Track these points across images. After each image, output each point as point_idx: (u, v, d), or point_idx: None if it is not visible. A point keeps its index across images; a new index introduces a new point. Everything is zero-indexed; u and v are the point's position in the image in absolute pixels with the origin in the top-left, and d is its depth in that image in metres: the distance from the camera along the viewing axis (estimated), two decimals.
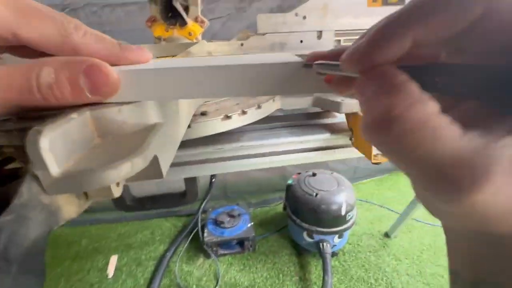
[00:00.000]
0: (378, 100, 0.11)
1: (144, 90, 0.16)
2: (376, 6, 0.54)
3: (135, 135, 0.16)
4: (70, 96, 0.14)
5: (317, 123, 0.50)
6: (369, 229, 1.34)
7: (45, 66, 0.13)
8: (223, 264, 1.16)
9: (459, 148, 0.09)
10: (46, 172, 0.11)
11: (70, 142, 0.13)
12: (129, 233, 1.35)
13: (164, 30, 0.66)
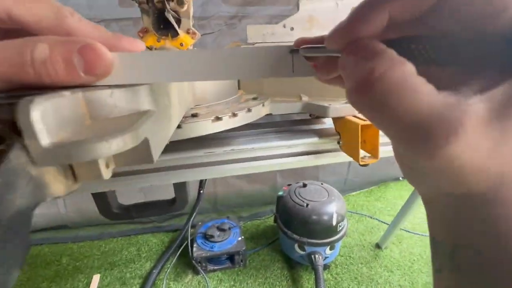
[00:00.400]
0: (361, 66, 0.12)
1: (137, 73, 0.16)
2: None
3: (126, 118, 0.16)
4: (63, 74, 0.14)
5: (305, 128, 0.52)
6: (360, 241, 1.34)
7: (40, 42, 0.13)
8: (213, 281, 1.12)
9: (435, 103, 0.10)
10: (35, 142, 0.11)
11: (60, 118, 0.13)
12: (113, 250, 1.29)
13: (155, 40, 0.68)
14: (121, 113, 0.17)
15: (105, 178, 0.15)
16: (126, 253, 1.27)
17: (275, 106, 0.49)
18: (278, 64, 0.17)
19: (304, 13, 0.55)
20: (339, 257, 1.23)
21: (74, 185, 0.15)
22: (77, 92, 0.15)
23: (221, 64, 0.16)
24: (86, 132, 0.14)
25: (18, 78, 0.13)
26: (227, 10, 1.20)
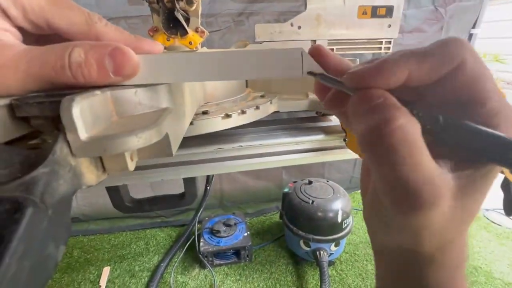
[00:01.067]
0: (378, 113, 0.12)
1: (159, 73, 0.18)
2: (365, 18, 0.58)
3: (149, 115, 0.18)
4: (95, 75, 0.15)
5: (312, 126, 0.53)
6: (365, 238, 1.34)
7: (76, 47, 0.15)
8: (219, 275, 1.14)
9: (432, 170, 0.12)
10: (75, 136, 0.13)
11: (94, 114, 0.15)
12: (122, 244, 1.33)
13: (165, 39, 0.69)
14: (143, 110, 0.18)
15: (130, 169, 0.17)
16: (135, 247, 1.30)
17: (283, 103, 0.50)
18: (290, 65, 0.18)
19: (312, 12, 0.55)
20: (344, 254, 1.24)
21: (103, 175, 0.16)
22: (105, 91, 0.16)
23: (235, 66, 0.18)
24: (114, 128, 0.15)
25: (58, 79, 0.15)
26: (234, 7, 1.19)
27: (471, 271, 1.12)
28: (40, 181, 0.11)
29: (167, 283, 1.10)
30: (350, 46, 0.60)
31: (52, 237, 0.11)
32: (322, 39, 0.58)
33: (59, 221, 0.12)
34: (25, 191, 0.11)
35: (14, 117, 0.14)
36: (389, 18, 0.58)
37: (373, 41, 0.61)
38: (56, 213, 0.11)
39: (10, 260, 0.09)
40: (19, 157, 0.12)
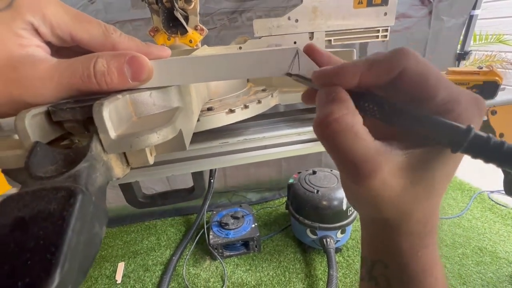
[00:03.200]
0: (327, 106, 0.16)
1: (169, 76, 0.20)
2: (361, 7, 0.58)
3: (163, 114, 0.20)
4: (117, 81, 0.17)
5: (312, 116, 0.54)
6: None
7: (99, 58, 0.17)
8: (229, 265, 1.18)
9: (368, 149, 0.15)
10: (106, 135, 0.15)
11: (119, 116, 0.17)
12: (135, 240, 1.37)
13: (166, 38, 0.71)
14: (158, 110, 0.20)
15: (150, 163, 0.19)
16: (147, 242, 1.34)
17: (283, 96, 0.51)
18: (287, 64, 0.20)
19: (308, 5, 0.56)
20: (350, 240, 1.27)
21: (127, 169, 0.18)
22: (125, 94, 0.18)
23: (237, 66, 0.19)
24: (135, 127, 0.18)
25: (85, 86, 0.17)
26: (228, 6, 1.26)
27: (476, 252, 1.14)
28: (83, 173, 0.13)
29: (180, 275, 1.14)
30: (347, 36, 0.61)
31: (97, 218, 0.13)
32: (320, 31, 0.59)
33: (100, 206, 0.14)
34: (74, 181, 0.13)
35: (51, 122, 0.16)
36: (385, 6, 0.59)
37: (370, 30, 0.62)
38: (97, 199, 0.14)
39: (72, 233, 0.11)
40: (61, 155, 0.15)
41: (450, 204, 1.45)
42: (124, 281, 1.14)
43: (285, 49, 0.19)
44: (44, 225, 0.11)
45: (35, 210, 0.11)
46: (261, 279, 1.11)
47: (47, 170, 0.14)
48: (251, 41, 0.58)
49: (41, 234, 0.11)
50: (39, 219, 0.11)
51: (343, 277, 1.10)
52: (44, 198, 0.12)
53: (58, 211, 0.11)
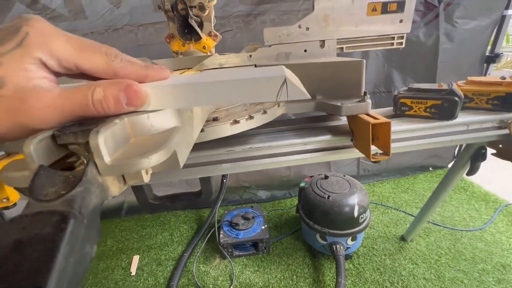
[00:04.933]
0: None
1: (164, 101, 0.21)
2: (375, 15, 0.57)
3: (160, 135, 0.21)
4: (113, 107, 0.19)
5: (320, 125, 0.54)
6: (384, 233, 1.33)
7: (97, 87, 0.19)
8: (238, 265, 1.20)
9: None
10: (101, 160, 0.17)
11: (115, 140, 0.18)
12: (149, 234, 1.43)
13: (181, 45, 0.73)
14: (156, 130, 0.22)
15: (146, 181, 0.20)
16: (160, 238, 1.40)
17: (290, 106, 0.52)
18: (273, 93, 0.20)
19: (320, 12, 0.56)
20: (361, 248, 1.24)
21: (124, 186, 0.20)
22: (123, 118, 0.20)
23: (227, 93, 0.20)
24: (132, 149, 0.19)
25: (84, 113, 0.18)
26: (244, 9, 1.29)
27: (498, 269, 1.08)
28: (78, 197, 0.15)
29: (190, 271, 1.18)
30: (360, 44, 0.60)
31: (87, 239, 0.15)
32: (331, 39, 0.58)
33: (92, 226, 0.15)
34: (68, 206, 0.14)
35: (56, 144, 0.18)
36: (400, 13, 0.57)
37: (384, 37, 0.60)
38: (89, 220, 0.15)
39: (61, 258, 0.12)
40: (61, 178, 0.16)
41: (473, 216, 1.38)
42: (138, 273, 1.20)
43: (273, 78, 0.20)
44: (37, 248, 0.12)
45: (32, 233, 0.13)
46: (269, 281, 1.11)
47: (48, 192, 0.15)
48: (261, 49, 0.58)
49: (34, 257, 0.12)
50: (33, 242, 0.13)
51: (352, 285, 1.08)
52: (41, 221, 0.13)
53: (50, 235, 0.13)
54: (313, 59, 0.57)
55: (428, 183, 1.70)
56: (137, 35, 1.31)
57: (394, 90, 1.48)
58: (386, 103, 1.53)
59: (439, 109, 0.51)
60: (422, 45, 1.38)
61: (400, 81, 1.47)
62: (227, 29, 1.35)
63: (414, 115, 0.55)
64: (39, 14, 1.23)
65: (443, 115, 0.52)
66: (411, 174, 1.78)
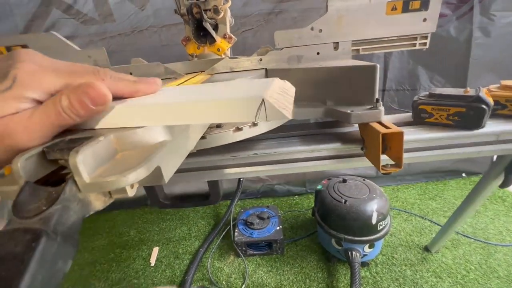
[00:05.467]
0: None
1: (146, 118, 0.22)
2: (395, 14, 0.53)
3: (145, 150, 0.22)
4: (82, 111, 0.20)
5: (329, 132, 0.52)
6: (406, 241, 1.26)
7: (62, 95, 0.19)
8: (252, 264, 1.21)
9: None
10: (80, 178, 0.17)
11: (98, 157, 0.19)
12: (169, 228, 1.49)
13: (196, 48, 0.74)
14: (144, 145, 0.22)
15: (130, 195, 0.21)
16: (179, 232, 1.45)
17: (298, 111, 0.50)
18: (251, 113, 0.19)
19: (333, 13, 0.54)
20: (380, 256, 1.19)
21: (109, 200, 0.21)
22: (109, 135, 0.20)
23: (205, 113, 0.20)
24: (116, 165, 0.20)
25: (62, 121, 0.20)
26: (265, 7, 1.28)
27: None
28: (54, 215, 0.16)
29: (205, 266, 1.21)
30: (378, 45, 0.57)
31: (60, 256, 0.15)
32: (345, 41, 0.56)
33: (68, 242, 0.16)
34: (43, 224, 0.15)
35: (46, 160, 0.19)
36: (424, 11, 0.53)
37: (406, 37, 0.56)
38: (65, 237, 0.16)
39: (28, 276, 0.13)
40: (45, 193, 0.17)
41: (510, 229, 1.25)
42: (157, 264, 1.26)
43: (250, 99, 0.19)
44: (8, 265, 0.13)
45: (5, 251, 0.14)
46: (281, 283, 1.11)
47: (30, 209, 0.16)
48: (272, 52, 0.57)
49: (3, 276, 0.13)
50: (6, 260, 0.14)
51: None
52: (15, 239, 0.14)
53: (21, 254, 0.14)
54: (325, 62, 0.55)
55: (460, 190, 1.58)
56: (160, 36, 1.36)
57: (419, 88, 1.38)
58: (409, 102, 1.44)
59: (463, 117, 0.47)
60: (452, 41, 1.27)
61: (426, 78, 1.37)
62: (248, 28, 1.35)
63: (435, 123, 0.50)
64: (73, 19, 1.33)
65: (467, 124, 0.47)
66: (441, 179, 1.66)
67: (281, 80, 0.28)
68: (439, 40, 1.26)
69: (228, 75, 0.54)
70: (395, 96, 1.43)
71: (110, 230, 1.52)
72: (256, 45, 1.38)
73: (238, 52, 1.36)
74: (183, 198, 0.58)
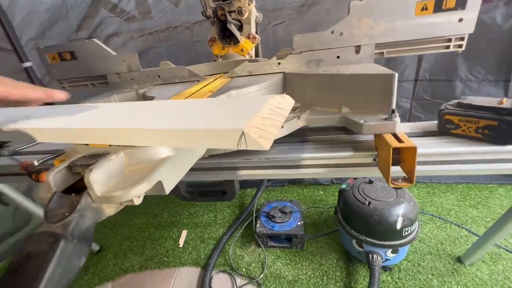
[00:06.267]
0: None
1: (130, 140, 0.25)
2: (426, 14, 0.49)
3: (150, 165, 0.25)
4: None
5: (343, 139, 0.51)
6: (437, 250, 1.18)
7: None
8: (271, 255, 1.25)
9: None
10: (93, 192, 0.21)
11: (109, 174, 0.23)
12: (197, 213, 1.60)
13: (221, 48, 0.77)
14: (149, 160, 0.26)
15: (137, 204, 0.25)
16: (206, 218, 1.55)
17: (312, 118, 0.50)
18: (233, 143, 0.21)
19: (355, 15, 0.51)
20: (405, 262, 1.14)
21: (120, 207, 0.25)
22: (120, 152, 0.24)
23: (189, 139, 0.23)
24: (125, 180, 0.24)
25: None
26: (297, 0, 1.25)
27: None
28: (72, 222, 0.20)
29: (227, 253, 1.29)
30: (405, 47, 0.53)
31: (76, 254, 0.20)
32: (368, 44, 0.53)
33: (83, 243, 0.20)
34: (63, 229, 0.20)
35: (72, 172, 0.24)
36: (460, 10, 0.48)
37: (438, 39, 0.52)
38: (80, 239, 0.20)
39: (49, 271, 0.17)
40: (68, 201, 0.22)
41: None
42: (185, 246, 1.37)
43: (231, 131, 0.21)
44: (35, 261, 0.18)
45: (36, 248, 0.18)
46: (298, 277, 1.14)
47: (56, 214, 0.21)
48: (291, 56, 0.57)
49: (31, 268, 0.17)
50: (36, 255, 0.18)
51: None
52: (42, 240, 0.19)
53: (45, 252, 0.18)
54: (344, 66, 0.53)
55: (510, 199, 1.41)
56: (192, 31, 1.41)
57: (456, 79, 1.25)
58: (443, 93, 1.31)
59: (495, 131, 0.42)
60: (497, 29, 1.10)
61: (465, 69, 1.24)
62: (280, 21, 1.34)
63: (462, 135, 0.47)
64: (118, 17, 1.44)
65: (499, 139, 0.43)
66: (487, 183, 1.50)
67: (278, 96, 0.28)
68: (483, 28, 1.11)
69: (247, 79, 0.56)
70: (428, 87, 1.33)
71: (147, 211, 1.68)
72: (287, 38, 1.36)
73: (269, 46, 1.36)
74: (202, 193, 0.63)
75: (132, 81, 0.65)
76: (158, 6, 1.39)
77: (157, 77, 0.64)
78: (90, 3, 1.43)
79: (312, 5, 1.24)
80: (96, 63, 0.63)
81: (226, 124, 0.21)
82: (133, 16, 1.44)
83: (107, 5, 1.43)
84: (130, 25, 1.45)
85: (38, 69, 1.61)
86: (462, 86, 1.28)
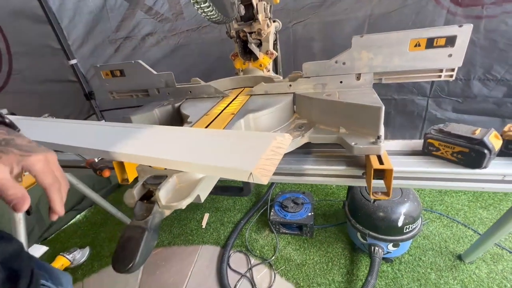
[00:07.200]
0: None
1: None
2: (418, 50, 0.56)
3: (192, 183, 0.39)
4: None
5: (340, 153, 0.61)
6: (439, 247, 1.26)
7: None
8: (283, 241, 1.40)
9: None
10: (160, 203, 0.35)
11: (168, 189, 0.37)
12: (218, 199, 1.77)
13: (242, 63, 0.88)
14: (191, 180, 0.39)
15: (182, 207, 0.39)
16: (226, 203, 1.72)
17: (314, 136, 0.60)
18: (244, 177, 0.34)
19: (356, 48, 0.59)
20: (407, 255, 1.24)
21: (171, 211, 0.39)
22: (173, 175, 0.38)
23: (204, 171, 0.35)
24: (177, 193, 0.37)
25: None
26: (317, 0, 1.31)
27: None
28: (149, 220, 0.34)
29: (243, 236, 1.46)
30: (401, 75, 0.61)
31: (152, 239, 0.34)
32: (368, 72, 0.62)
33: (155, 233, 0.35)
34: (145, 224, 0.34)
35: (144, 187, 0.38)
36: (450, 48, 0.54)
37: (430, 70, 0.59)
38: (154, 230, 0.34)
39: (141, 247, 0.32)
40: (144, 207, 0.36)
41: None
42: (207, 228, 1.56)
43: (241, 170, 0.33)
44: (134, 241, 0.32)
45: (132, 234, 0.33)
46: (306, 261, 1.28)
47: (139, 215, 0.35)
48: (300, 80, 0.67)
49: (132, 245, 0.32)
50: (133, 238, 0.32)
51: (385, 287, 1.13)
52: (135, 230, 0.33)
53: (138, 237, 0.32)
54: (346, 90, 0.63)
55: None
56: (220, 31, 1.51)
57: (473, 78, 1.25)
58: (459, 91, 1.34)
59: (466, 157, 0.50)
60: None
61: (483, 67, 1.24)
62: (299, 20, 1.40)
63: (441, 157, 0.55)
64: (153, 18, 1.58)
65: (469, 163, 0.51)
66: None
67: (279, 136, 0.38)
68: (505, 25, 1.10)
69: (263, 100, 0.67)
70: (445, 85, 1.34)
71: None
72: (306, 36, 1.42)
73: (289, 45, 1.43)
74: (224, 188, 0.77)
75: (168, 95, 0.79)
76: (189, 7, 1.50)
77: (188, 92, 0.77)
78: (128, 6, 1.58)
79: (330, 5, 1.30)
80: (140, 80, 0.77)
81: (240, 164, 0.33)
82: (167, 18, 1.56)
83: (143, 7, 1.57)
84: (164, 25, 1.58)
85: (82, 66, 1.82)
86: (480, 85, 1.28)
